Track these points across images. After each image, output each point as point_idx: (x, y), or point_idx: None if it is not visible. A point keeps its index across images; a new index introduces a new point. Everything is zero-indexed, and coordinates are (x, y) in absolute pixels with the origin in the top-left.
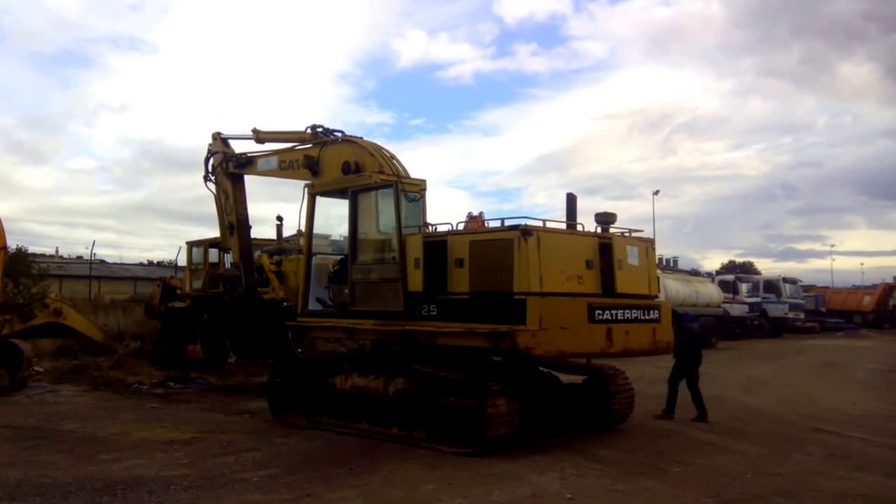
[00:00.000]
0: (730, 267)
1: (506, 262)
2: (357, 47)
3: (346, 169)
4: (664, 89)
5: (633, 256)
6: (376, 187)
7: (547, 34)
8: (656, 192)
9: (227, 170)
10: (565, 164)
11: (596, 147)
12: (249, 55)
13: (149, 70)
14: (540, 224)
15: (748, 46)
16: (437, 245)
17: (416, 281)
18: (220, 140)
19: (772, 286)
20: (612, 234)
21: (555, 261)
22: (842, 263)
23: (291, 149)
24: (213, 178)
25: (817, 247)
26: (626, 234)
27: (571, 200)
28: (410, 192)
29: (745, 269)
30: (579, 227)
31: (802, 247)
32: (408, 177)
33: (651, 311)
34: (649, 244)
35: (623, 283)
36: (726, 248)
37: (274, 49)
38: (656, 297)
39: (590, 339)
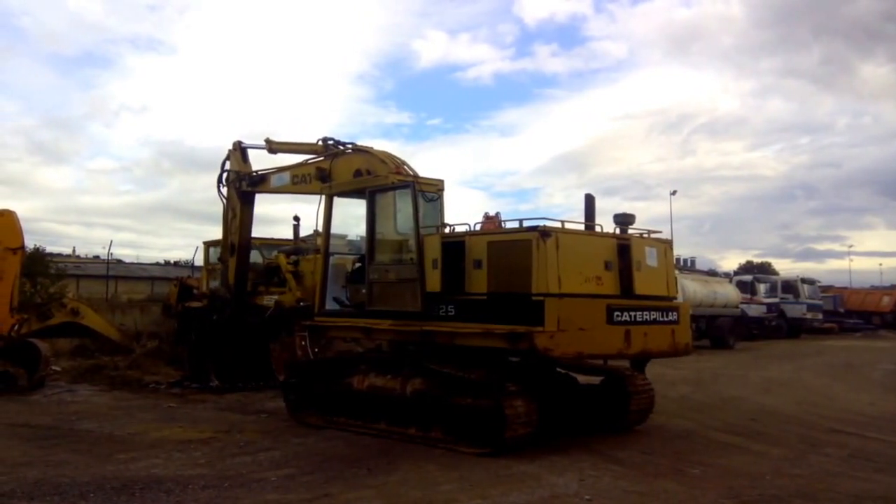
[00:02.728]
0: (747, 267)
1: (524, 262)
2: (375, 48)
3: (358, 176)
4: (684, 90)
5: (651, 258)
6: (393, 187)
7: (567, 35)
8: (673, 193)
9: (241, 188)
10: (583, 165)
11: (614, 147)
12: (268, 56)
13: (168, 71)
14: (558, 225)
15: (768, 47)
16: (454, 245)
17: (434, 281)
18: (240, 151)
19: (790, 286)
20: (631, 235)
21: (573, 262)
22: (860, 264)
23: (303, 163)
24: (225, 187)
25: (836, 247)
26: (645, 236)
27: (590, 201)
28: (428, 192)
29: (763, 270)
30: (598, 229)
31: (821, 247)
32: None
33: (670, 313)
34: (667, 245)
35: (641, 285)
36: (744, 248)
37: (292, 49)
38: (675, 298)
39: (608, 341)
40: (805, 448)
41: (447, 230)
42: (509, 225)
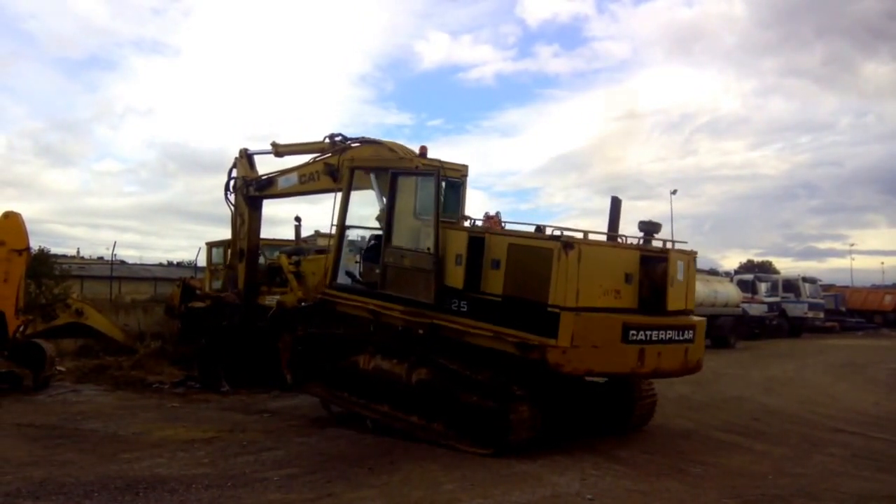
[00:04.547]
0: (748, 266)
1: (543, 271)
2: (377, 49)
3: (368, 169)
4: (686, 89)
5: (680, 272)
6: (417, 173)
7: (569, 35)
8: (674, 192)
9: (248, 193)
10: (584, 165)
11: (615, 147)
12: (270, 57)
13: (172, 73)
14: (581, 235)
15: (771, 46)
16: (475, 241)
17: (456, 278)
18: (246, 158)
19: (791, 285)
20: (668, 249)
21: (593, 275)
22: (862, 262)
23: (310, 162)
24: (232, 195)
25: (837, 246)
26: (670, 247)
27: (615, 205)
28: (452, 178)
29: (764, 269)
30: (620, 239)
31: (822, 246)
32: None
33: (686, 332)
34: (691, 257)
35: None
36: (745, 247)
37: (294, 51)
38: (692, 312)
39: (621, 360)
40: (808, 447)
41: (467, 223)
42: (509, 226)
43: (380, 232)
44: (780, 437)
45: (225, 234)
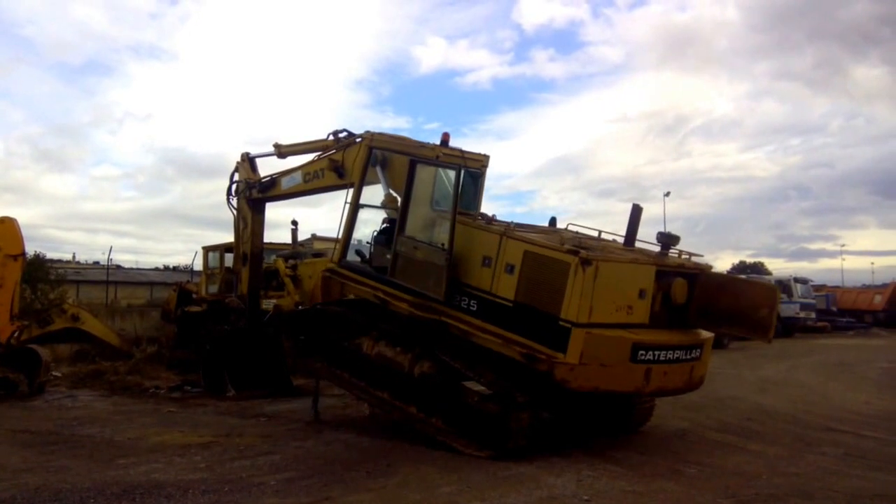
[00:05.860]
0: (741, 267)
1: (558, 284)
2: (374, 54)
3: (374, 161)
4: (680, 93)
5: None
6: (438, 164)
7: (565, 40)
8: (667, 194)
9: (251, 196)
10: (579, 167)
11: (610, 150)
12: (267, 62)
13: (170, 78)
14: (594, 235)
15: (763, 50)
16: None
17: (481, 279)
18: (248, 162)
19: (783, 286)
20: (675, 260)
21: (608, 291)
22: (852, 263)
23: (314, 160)
24: (235, 200)
25: (828, 247)
26: (686, 259)
27: (636, 214)
28: (471, 168)
29: (756, 270)
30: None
31: (813, 247)
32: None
33: (694, 350)
34: (706, 269)
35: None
36: (737, 248)
37: (292, 56)
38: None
39: (627, 379)
40: (801, 447)
41: (482, 220)
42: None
43: (385, 214)
44: (773, 436)
45: (222, 238)
